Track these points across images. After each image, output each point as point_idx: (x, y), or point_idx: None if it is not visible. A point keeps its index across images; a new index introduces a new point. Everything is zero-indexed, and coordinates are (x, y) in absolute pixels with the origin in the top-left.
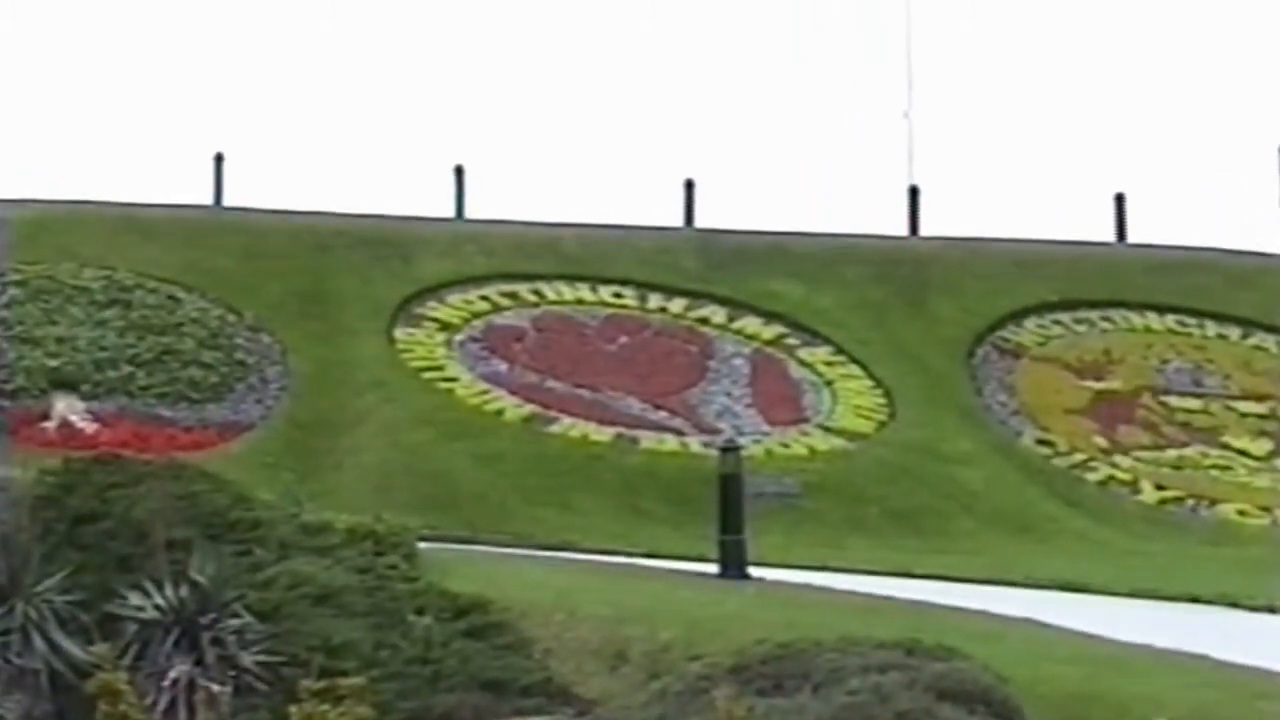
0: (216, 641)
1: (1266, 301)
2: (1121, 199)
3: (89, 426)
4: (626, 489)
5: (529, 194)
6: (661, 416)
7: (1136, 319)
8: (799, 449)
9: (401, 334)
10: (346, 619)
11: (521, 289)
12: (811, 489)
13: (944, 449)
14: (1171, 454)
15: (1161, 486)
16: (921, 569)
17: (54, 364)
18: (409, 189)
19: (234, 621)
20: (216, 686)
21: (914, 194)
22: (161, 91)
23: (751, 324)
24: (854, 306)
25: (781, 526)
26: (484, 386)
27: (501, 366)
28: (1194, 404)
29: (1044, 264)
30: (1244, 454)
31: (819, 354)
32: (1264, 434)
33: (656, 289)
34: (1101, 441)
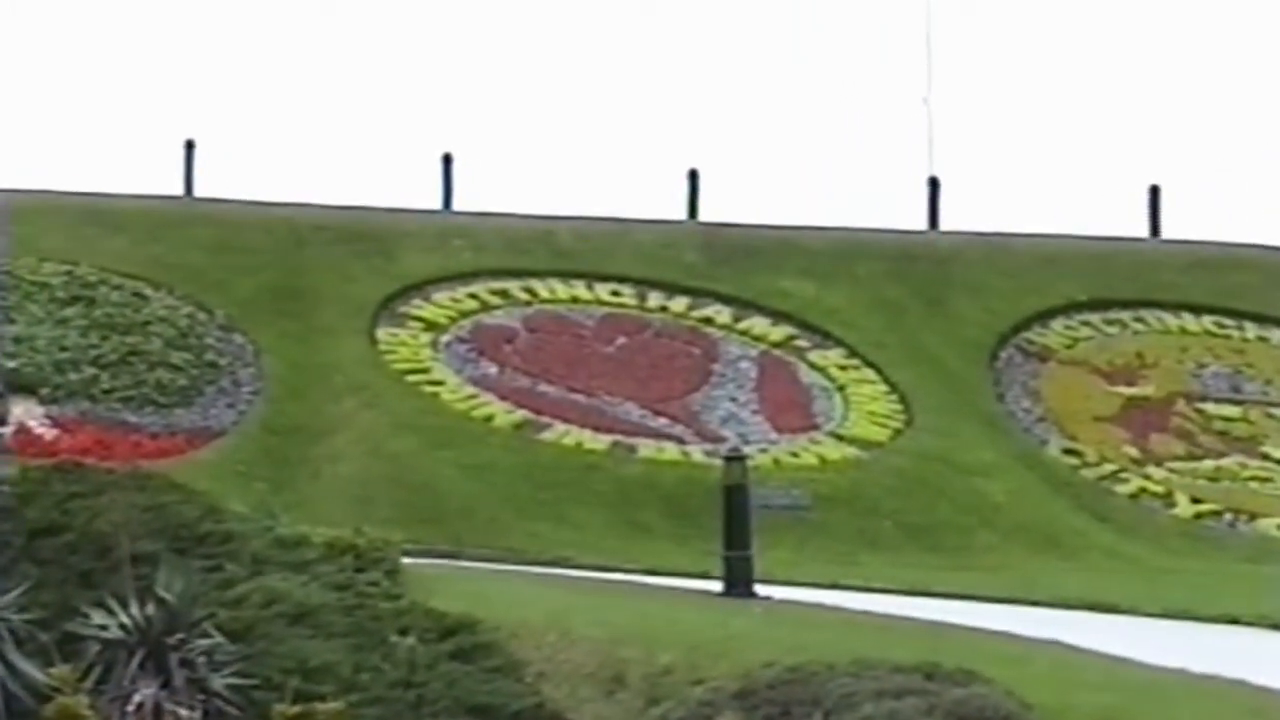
0: (185, 663)
1: None
2: (1156, 192)
3: (48, 433)
4: (624, 501)
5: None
6: (662, 423)
7: (1171, 320)
8: (809, 458)
9: (384, 334)
10: (324, 639)
11: (513, 286)
12: (822, 501)
13: (964, 459)
14: (1208, 465)
15: (1197, 500)
16: (940, 587)
17: (11, 365)
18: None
19: (204, 642)
20: (185, 711)
21: (934, 185)
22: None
23: (759, 324)
24: (868, 306)
25: (790, 541)
26: (472, 390)
27: (491, 369)
28: (1232, 411)
29: (1072, 261)
30: None
31: (831, 357)
32: None
33: (657, 286)
34: (1133, 451)
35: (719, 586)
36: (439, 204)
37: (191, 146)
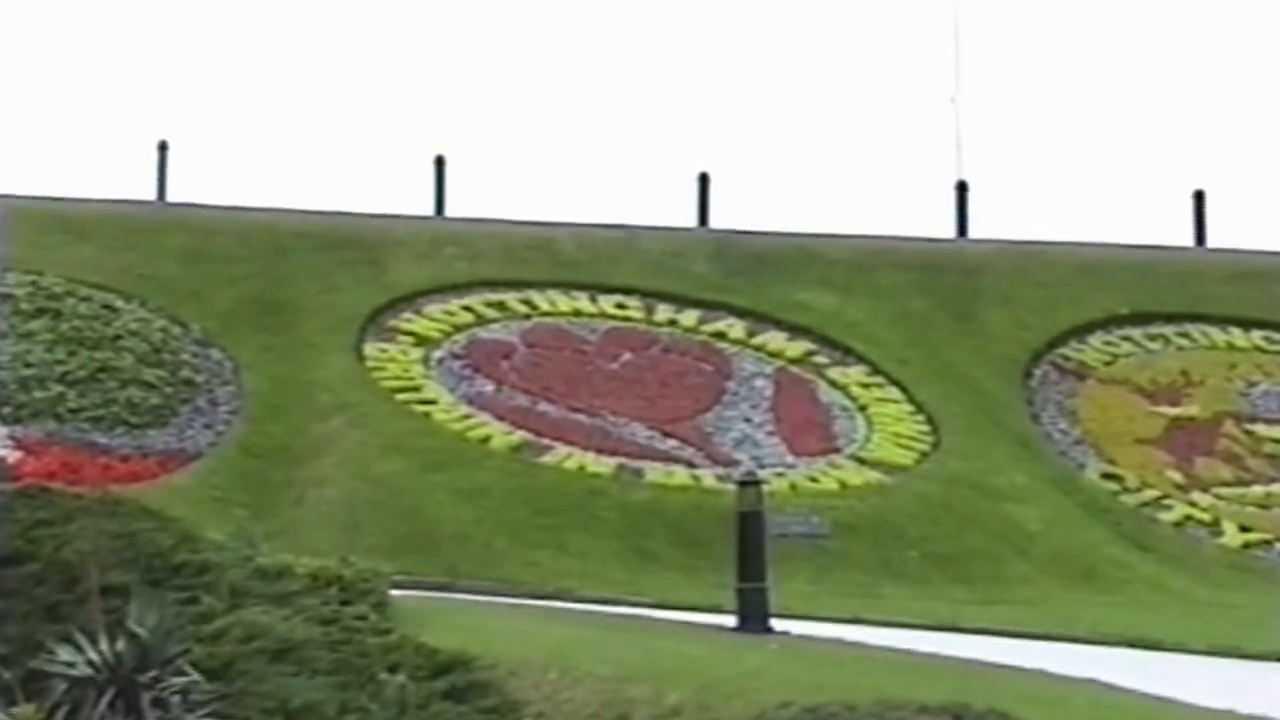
0: (158, 703)
1: None
2: (1200, 197)
3: (12, 455)
4: (630, 529)
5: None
6: (671, 445)
7: (1218, 334)
8: (829, 483)
9: (372, 349)
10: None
11: (510, 298)
12: (843, 529)
13: (995, 483)
14: (1258, 490)
15: (1246, 528)
16: (970, 622)
17: None
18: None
19: (178, 680)
20: None
21: (962, 190)
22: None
23: (775, 339)
24: (892, 319)
25: (809, 572)
26: (467, 410)
27: (487, 387)
28: None
29: (1112, 271)
30: None
31: (852, 374)
32: None
33: (665, 299)
34: (1177, 476)
35: (732, 621)
36: (431, 209)
37: (165, 148)
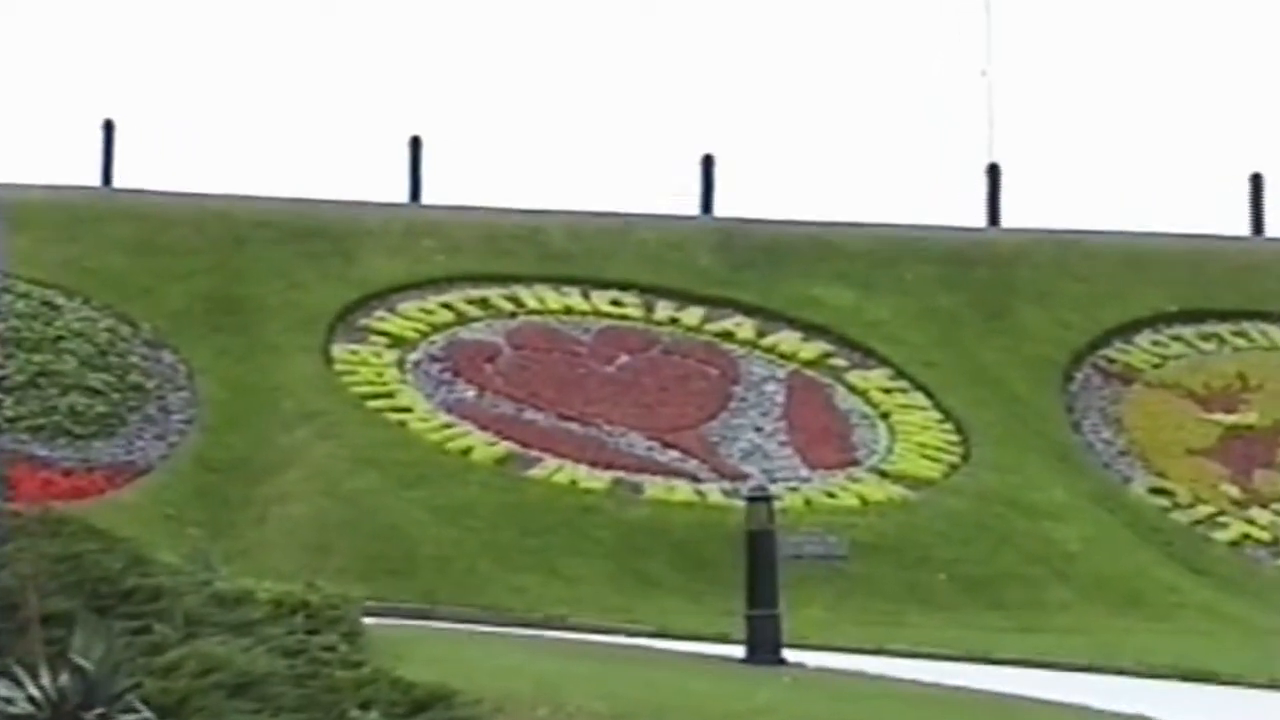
0: None
1: None
2: (1258, 181)
3: None
4: (628, 550)
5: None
6: (672, 457)
7: (1278, 334)
8: (847, 499)
9: (341, 351)
10: (271, 714)
11: (494, 294)
12: (863, 550)
13: (1032, 499)
14: None
15: None
16: (1004, 652)
17: None
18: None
19: (128, 717)
20: None
21: (994, 174)
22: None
23: (787, 340)
24: (917, 317)
25: (825, 598)
26: (446, 419)
27: (469, 393)
28: None
29: (1160, 263)
30: None
31: (873, 378)
32: None
33: (666, 294)
34: (1233, 490)
35: (740, 651)
36: (406, 196)
37: (111, 128)
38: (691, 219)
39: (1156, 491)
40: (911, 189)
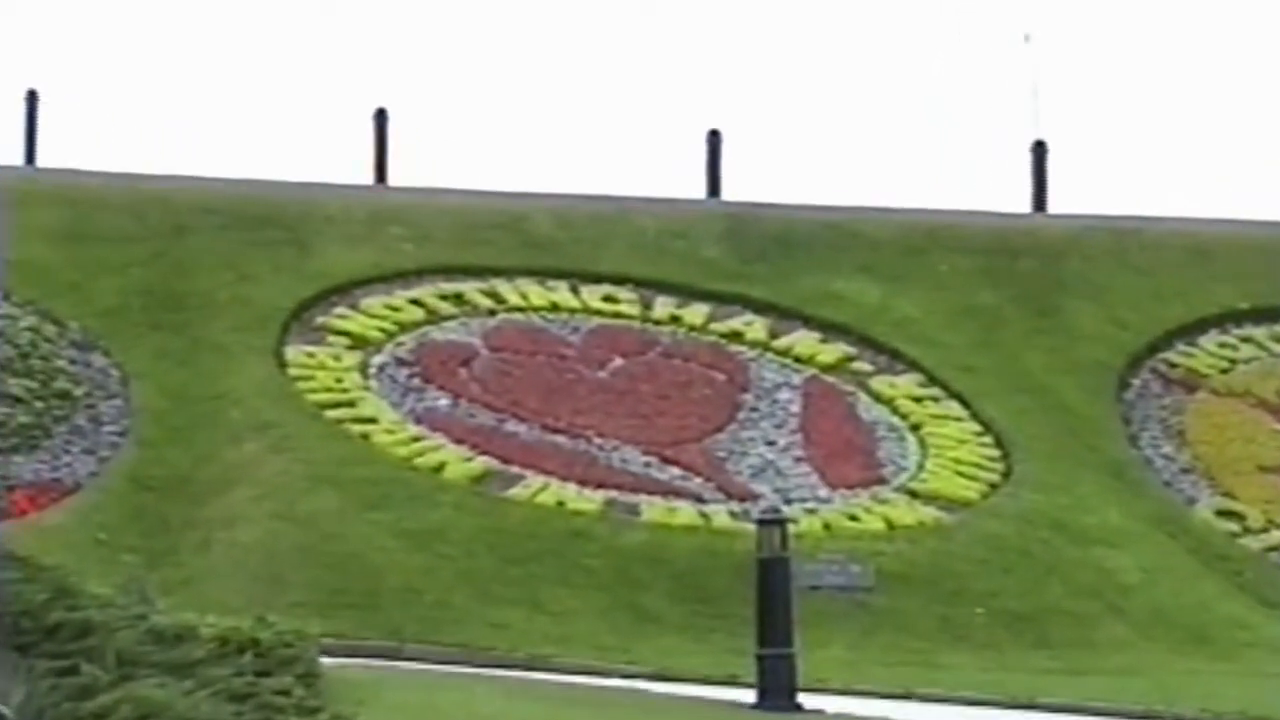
0: None
1: None
2: None
3: None
4: (623, 580)
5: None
6: (673, 475)
7: None
8: (872, 522)
9: (296, 354)
10: None
11: (470, 289)
12: (891, 580)
13: (1083, 523)
14: None
15: None
16: (1051, 696)
17: None
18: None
19: None
20: None
21: (1039, 152)
22: None
23: (804, 341)
24: (952, 316)
25: (848, 635)
26: (416, 430)
27: (441, 401)
28: None
29: (1228, 255)
30: None
31: (901, 384)
32: None
33: (666, 289)
34: None
35: (751, 696)
36: (370, 178)
37: (34, 99)
38: (695, 203)
39: (1224, 514)
40: (945, 170)
